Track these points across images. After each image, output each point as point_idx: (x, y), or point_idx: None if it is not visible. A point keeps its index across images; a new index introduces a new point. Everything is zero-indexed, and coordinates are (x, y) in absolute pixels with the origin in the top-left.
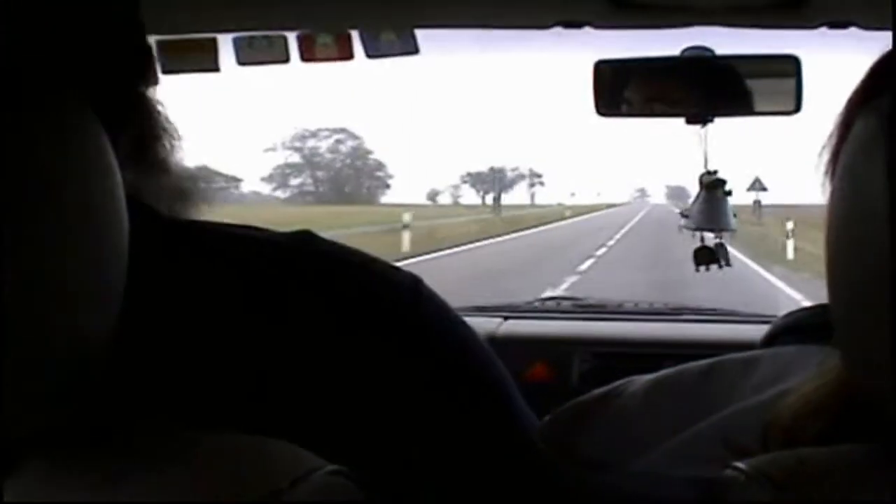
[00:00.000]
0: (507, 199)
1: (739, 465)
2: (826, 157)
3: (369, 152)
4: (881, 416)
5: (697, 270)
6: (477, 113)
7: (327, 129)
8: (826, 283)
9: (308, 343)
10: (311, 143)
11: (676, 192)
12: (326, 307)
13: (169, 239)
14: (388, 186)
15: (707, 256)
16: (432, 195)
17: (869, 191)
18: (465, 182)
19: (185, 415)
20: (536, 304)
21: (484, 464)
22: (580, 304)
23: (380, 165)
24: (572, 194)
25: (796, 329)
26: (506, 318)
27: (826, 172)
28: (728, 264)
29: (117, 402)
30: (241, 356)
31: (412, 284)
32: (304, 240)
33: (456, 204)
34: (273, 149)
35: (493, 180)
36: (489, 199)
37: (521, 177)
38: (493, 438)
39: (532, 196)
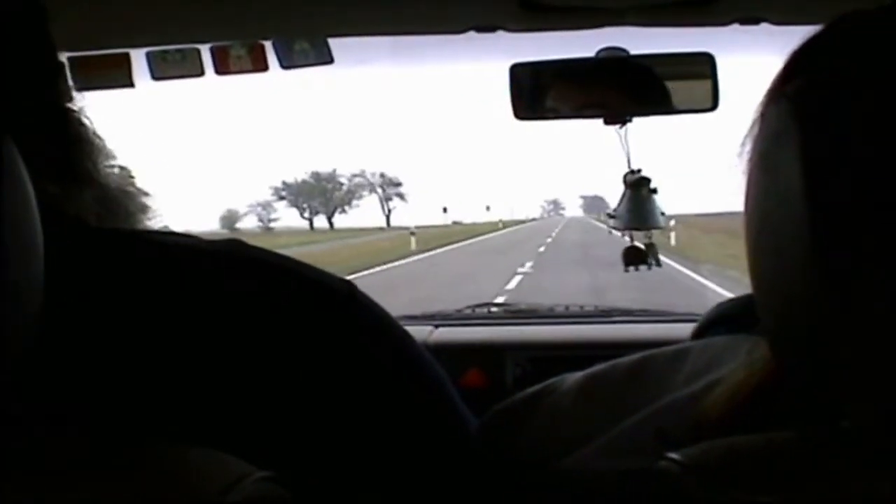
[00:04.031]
0: (346, 219)
1: (673, 455)
2: (748, 147)
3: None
4: (810, 401)
5: (626, 270)
6: (299, 109)
7: None
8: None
9: (242, 349)
10: None
11: (594, 203)
12: (261, 313)
13: (96, 248)
14: (143, 211)
15: (637, 256)
16: (229, 220)
17: (783, 176)
18: (280, 197)
19: (114, 423)
20: (467, 311)
21: (423, 464)
22: (511, 309)
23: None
24: (444, 210)
25: (726, 319)
26: (437, 326)
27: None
28: (658, 264)
29: (40, 410)
30: (172, 363)
31: (346, 289)
32: (235, 247)
33: (267, 229)
34: None
35: (322, 193)
36: (320, 220)
37: (368, 186)
38: (432, 438)
39: (388, 215)
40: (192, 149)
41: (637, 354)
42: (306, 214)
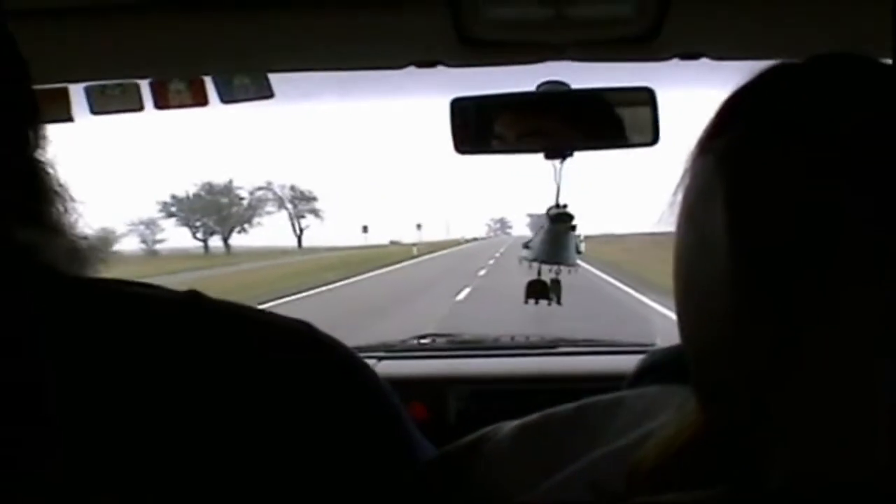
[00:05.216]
0: (248, 239)
1: None
2: (679, 196)
3: None
4: (739, 458)
5: (526, 303)
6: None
7: None
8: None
9: (203, 399)
10: None
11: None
12: (223, 362)
13: (67, 297)
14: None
15: (539, 291)
16: (105, 242)
17: (708, 232)
18: (170, 214)
19: (71, 476)
20: (412, 342)
21: (382, 497)
22: (456, 340)
23: None
24: (364, 229)
25: (660, 368)
26: (380, 359)
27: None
28: (559, 303)
29: None
30: (134, 414)
31: (307, 331)
32: (194, 298)
33: (151, 252)
34: None
35: (218, 209)
36: (215, 240)
37: (275, 201)
38: (392, 473)
39: (300, 235)
40: (56, 152)
41: (572, 404)
42: (199, 234)
